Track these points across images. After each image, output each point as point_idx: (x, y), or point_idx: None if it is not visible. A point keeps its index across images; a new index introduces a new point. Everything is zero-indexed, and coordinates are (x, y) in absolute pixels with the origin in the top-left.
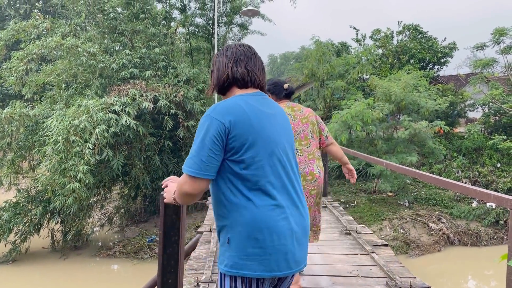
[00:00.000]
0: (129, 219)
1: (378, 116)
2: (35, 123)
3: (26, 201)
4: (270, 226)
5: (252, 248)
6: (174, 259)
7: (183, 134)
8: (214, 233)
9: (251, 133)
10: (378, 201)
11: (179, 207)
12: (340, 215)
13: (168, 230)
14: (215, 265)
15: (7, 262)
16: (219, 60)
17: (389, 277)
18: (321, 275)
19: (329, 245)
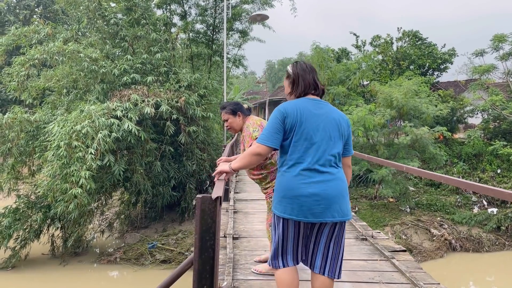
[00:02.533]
0: (129, 225)
1: (380, 122)
2: (35, 128)
3: (26, 207)
4: (287, 187)
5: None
6: (209, 264)
7: (185, 139)
8: (229, 239)
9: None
10: (380, 207)
11: (214, 212)
12: (353, 220)
13: (203, 234)
14: (235, 271)
15: (6, 268)
16: (303, 72)
17: (412, 283)
18: (343, 281)
19: (347, 250)
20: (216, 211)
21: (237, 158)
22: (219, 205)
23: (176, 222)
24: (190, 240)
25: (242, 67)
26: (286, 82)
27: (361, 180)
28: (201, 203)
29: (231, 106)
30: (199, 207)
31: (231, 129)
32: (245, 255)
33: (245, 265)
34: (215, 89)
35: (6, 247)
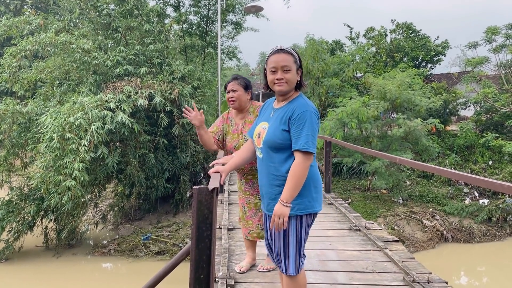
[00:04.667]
0: (123, 217)
1: (373, 114)
2: (28, 120)
3: (19, 199)
4: (319, 176)
5: (315, 193)
6: (206, 254)
7: (178, 131)
8: (225, 230)
9: None
10: (373, 198)
11: (211, 202)
12: (347, 211)
13: (200, 225)
14: (230, 261)
15: (0, 261)
16: None
17: (405, 273)
18: (338, 271)
19: (341, 241)
20: (212, 202)
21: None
22: (215, 196)
23: (170, 214)
24: (184, 232)
25: (236, 59)
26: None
27: (354, 172)
28: (198, 194)
29: (245, 80)
30: (196, 198)
31: (235, 103)
32: (240, 246)
33: (240, 255)
34: (209, 81)
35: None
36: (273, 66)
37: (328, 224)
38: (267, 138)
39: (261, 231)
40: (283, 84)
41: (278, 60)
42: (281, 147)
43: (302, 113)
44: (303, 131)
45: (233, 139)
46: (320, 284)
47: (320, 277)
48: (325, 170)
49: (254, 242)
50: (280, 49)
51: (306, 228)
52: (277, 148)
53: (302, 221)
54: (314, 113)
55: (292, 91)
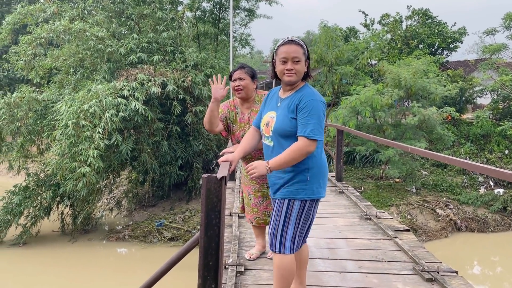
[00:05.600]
0: (137, 203)
1: (387, 102)
2: (43, 107)
3: (36, 185)
4: (326, 165)
5: (322, 180)
6: (215, 241)
7: (191, 119)
8: (235, 217)
9: None
10: (386, 187)
11: (220, 191)
12: (358, 200)
13: (209, 212)
14: (240, 248)
15: (18, 245)
16: None
17: (414, 262)
18: (347, 259)
19: (351, 230)
20: (221, 190)
21: (241, 149)
22: (224, 185)
23: (183, 201)
24: (197, 218)
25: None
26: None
27: (367, 161)
28: (206, 183)
29: (252, 69)
30: (205, 186)
31: (241, 92)
32: (250, 234)
33: (250, 242)
34: (222, 68)
35: (17, 224)
36: (284, 57)
37: (338, 213)
38: (276, 127)
39: (268, 218)
40: (293, 75)
41: (289, 51)
42: (290, 134)
43: (309, 101)
44: (310, 119)
45: (240, 128)
46: (329, 272)
47: (329, 265)
48: (337, 158)
49: (263, 229)
50: (291, 40)
51: (308, 212)
52: (287, 136)
53: (305, 206)
54: (321, 102)
55: (299, 83)
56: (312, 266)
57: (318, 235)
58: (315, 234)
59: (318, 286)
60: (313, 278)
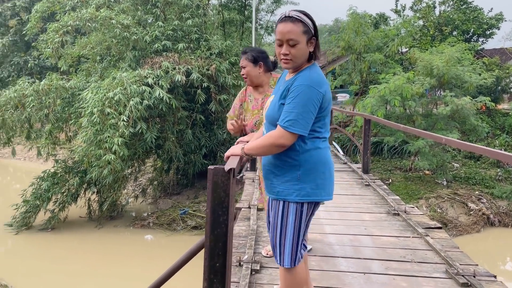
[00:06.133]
0: (162, 191)
1: (418, 91)
2: (71, 95)
3: (64, 172)
4: (329, 162)
5: (320, 180)
6: (222, 241)
7: (215, 108)
8: (253, 210)
9: (328, 97)
10: (415, 179)
11: (227, 184)
12: (385, 193)
13: (215, 208)
14: (257, 243)
15: (46, 230)
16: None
17: (448, 264)
18: (372, 259)
19: (377, 226)
20: (229, 184)
21: (254, 139)
22: (232, 178)
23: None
24: None
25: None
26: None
27: (395, 152)
28: (213, 175)
29: (253, 53)
30: (211, 179)
31: (247, 80)
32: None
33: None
34: None
35: (45, 210)
36: (278, 38)
37: (364, 207)
38: (267, 113)
39: None
40: (289, 62)
41: (284, 31)
42: None
43: (298, 86)
44: (293, 107)
45: (253, 115)
46: (352, 273)
47: (353, 265)
48: (364, 149)
49: None
50: (287, 16)
51: (306, 218)
52: (274, 124)
53: (302, 209)
54: (313, 89)
55: (303, 64)
56: (334, 266)
57: (342, 231)
58: (338, 230)
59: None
60: (334, 279)
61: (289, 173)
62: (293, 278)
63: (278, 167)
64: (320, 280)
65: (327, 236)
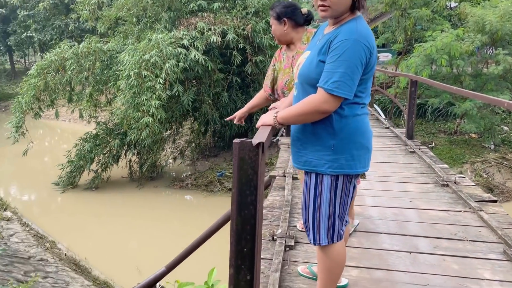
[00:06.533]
0: (199, 153)
1: (468, 49)
2: (109, 57)
3: (105, 133)
4: (368, 130)
5: (356, 150)
6: (250, 223)
7: (251, 69)
8: (289, 178)
9: (375, 56)
10: (460, 143)
11: (256, 161)
12: (432, 162)
13: (243, 188)
14: (292, 216)
15: (91, 189)
16: None
17: (506, 244)
18: (419, 236)
19: (423, 198)
20: (258, 160)
21: (286, 105)
22: (261, 153)
23: None
24: None
25: None
26: None
27: (440, 114)
28: (239, 150)
29: (277, 9)
30: (237, 155)
31: (276, 40)
32: None
33: None
34: None
35: (89, 170)
36: None
37: (408, 177)
38: (301, 71)
39: None
40: (326, 9)
41: None
42: (316, 83)
43: (343, 41)
44: (338, 67)
45: (284, 75)
46: (396, 251)
47: (397, 242)
48: (409, 113)
49: None
50: None
51: (343, 191)
52: (312, 84)
53: (338, 182)
54: (362, 44)
55: (346, 14)
56: (376, 243)
57: (384, 203)
58: (380, 202)
59: (383, 269)
60: (377, 258)
61: (321, 142)
62: (332, 257)
63: (308, 134)
64: (360, 259)
65: (367, 209)
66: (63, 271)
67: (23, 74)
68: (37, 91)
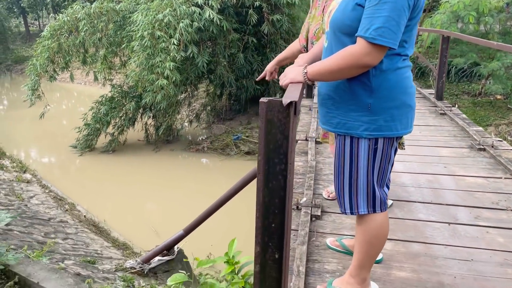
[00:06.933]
0: (215, 116)
1: (497, 6)
2: (122, 18)
3: (120, 96)
4: (410, 85)
5: (397, 109)
6: (279, 196)
7: (268, 29)
8: (312, 143)
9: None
10: (484, 105)
11: (287, 124)
12: (465, 124)
13: (270, 155)
14: (317, 183)
15: (108, 152)
16: None
17: None
18: (457, 205)
19: (459, 163)
20: (289, 122)
21: (311, 59)
22: (293, 115)
23: None
24: None
25: None
26: None
27: (464, 75)
28: (266, 111)
29: None
30: (263, 117)
31: None
32: (329, 164)
33: (329, 176)
34: None
35: (105, 133)
36: None
37: (441, 140)
38: (334, 17)
39: None
40: None
41: None
42: (351, 31)
43: None
44: (380, 11)
45: (316, 23)
46: (434, 222)
47: (434, 212)
48: (439, 73)
49: None
50: None
51: (383, 156)
52: (347, 33)
53: (377, 146)
54: None
55: None
56: (410, 213)
57: (416, 169)
58: (412, 168)
59: (419, 242)
60: (412, 229)
61: (355, 101)
62: (372, 228)
63: (341, 92)
64: (395, 230)
65: (399, 175)
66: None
67: (37, 36)
68: (51, 53)
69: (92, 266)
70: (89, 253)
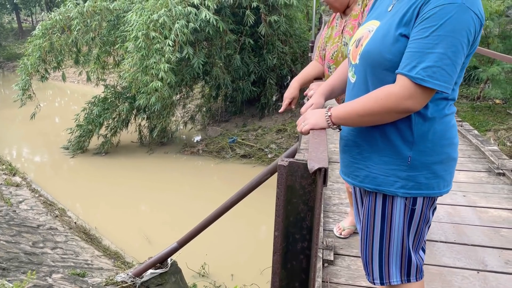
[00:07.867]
0: (210, 118)
1: (498, 9)
2: (116, 17)
3: (113, 97)
4: (455, 136)
5: (441, 165)
6: (299, 279)
7: (265, 30)
8: None
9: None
10: (483, 109)
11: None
12: (479, 142)
13: (289, 229)
14: (326, 215)
15: (100, 154)
16: None
17: None
18: (483, 246)
19: (479, 191)
20: (316, 192)
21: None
22: (321, 183)
23: (256, 117)
24: (270, 137)
25: None
26: None
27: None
28: (286, 176)
29: None
30: (283, 182)
31: (329, 6)
32: (338, 190)
33: (339, 206)
34: None
35: (98, 134)
36: None
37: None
38: (368, 48)
39: None
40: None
41: None
42: (389, 66)
43: (443, 6)
44: (433, 45)
45: (333, 45)
46: (461, 269)
47: (459, 256)
48: None
49: None
50: None
51: (421, 218)
52: (383, 67)
53: (415, 206)
54: (471, 12)
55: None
56: (433, 256)
57: None
58: None
59: None
60: (438, 279)
61: (391, 151)
62: None
63: (373, 140)
64: None
65: None
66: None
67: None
68: (42, 52)
69: (81, 280)
70: (78, 264)
